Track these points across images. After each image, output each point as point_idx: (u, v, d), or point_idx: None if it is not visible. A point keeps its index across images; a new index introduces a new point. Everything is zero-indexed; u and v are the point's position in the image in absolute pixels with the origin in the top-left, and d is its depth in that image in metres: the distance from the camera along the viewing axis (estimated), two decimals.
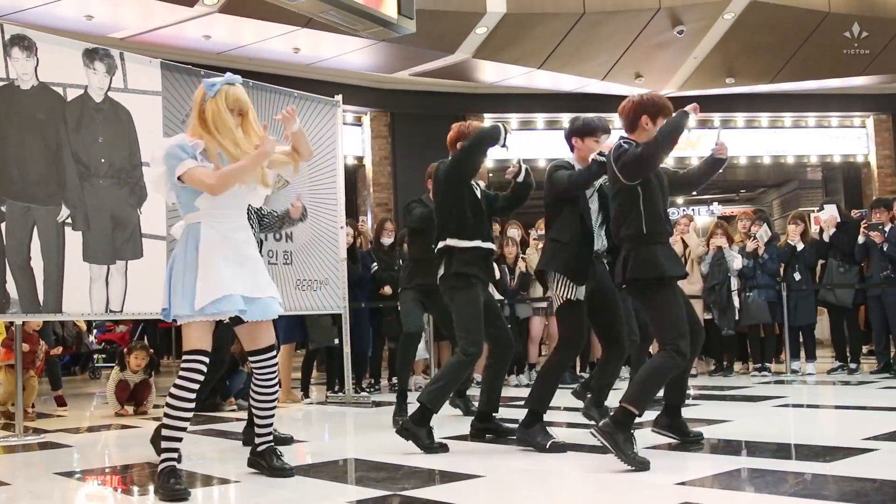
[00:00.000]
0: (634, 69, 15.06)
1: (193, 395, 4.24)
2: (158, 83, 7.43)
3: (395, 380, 9.85)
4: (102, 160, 6.98)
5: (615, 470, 4.54)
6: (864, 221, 9.88)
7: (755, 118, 17.15)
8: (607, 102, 16.34)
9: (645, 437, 5.46)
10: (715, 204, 23.78)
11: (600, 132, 5.79)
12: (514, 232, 10.55)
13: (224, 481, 4.66)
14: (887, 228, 9.67)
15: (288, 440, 5.85)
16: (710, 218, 21.28)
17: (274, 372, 4.56)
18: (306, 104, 8.76)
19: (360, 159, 15.47)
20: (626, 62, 14.74)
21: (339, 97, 9.22)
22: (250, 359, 4.59)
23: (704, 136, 17.14)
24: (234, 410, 8.16)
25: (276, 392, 4.62)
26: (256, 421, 4.68)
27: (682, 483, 4.05)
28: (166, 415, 4.22)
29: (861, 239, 9.72)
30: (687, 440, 5.24)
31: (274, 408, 4.66)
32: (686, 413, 6.72)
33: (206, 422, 7.53)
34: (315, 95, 9.03)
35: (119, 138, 7.12)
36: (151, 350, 8.78)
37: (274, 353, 4.57)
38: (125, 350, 8.67)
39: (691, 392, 8.60)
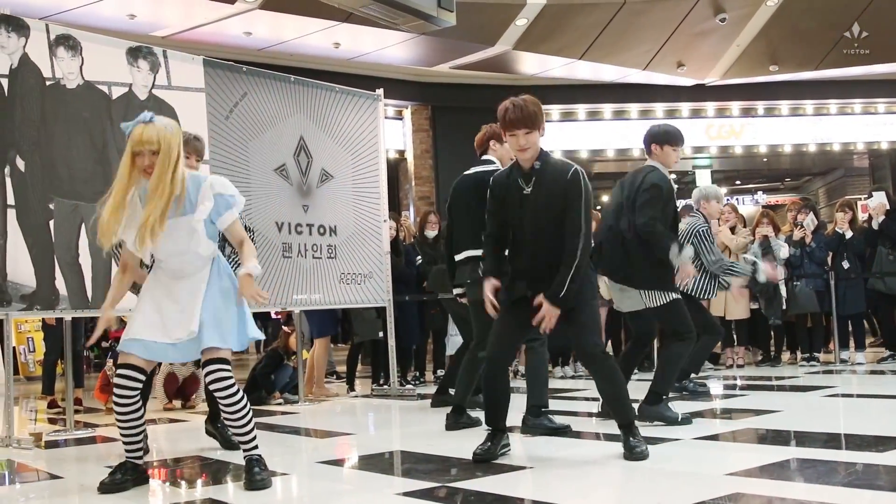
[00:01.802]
0: (676, 58, 14.93)
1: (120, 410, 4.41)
2: (201, 80, 7.49)
3: (440, 372, 9.88)
4: None
5: (664, 461, 4.51)
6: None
7: (800, 105, 16.94)
8: (649, 92, 16.31)
9: (694, 429, 5.44)
10: (759, 193, 23.55)
11: (680, 142, 5.94)
12: None
13: (272, 473, 4.69)
14: None
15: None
16: (754, 207, 21.07)
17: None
18: (347, 98, 8.78)
19: (401, 153, 15.49)
20: (667, 51, 14.61)
21: (380, 91, 9.23)
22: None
23: (747, 125, 17.02)
24: (280, 404, 8.21)
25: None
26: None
27: (733, 473, 4.01)
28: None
29: None
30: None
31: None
32: (733, 403, 6.69)
33: (262, 415, 7.58)
34: (356, 90, 9.05)
35: None
36: None
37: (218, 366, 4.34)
38: None
39: (739, 383, 8.53)
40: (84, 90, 6.76)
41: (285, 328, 8.85)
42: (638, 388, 5.89)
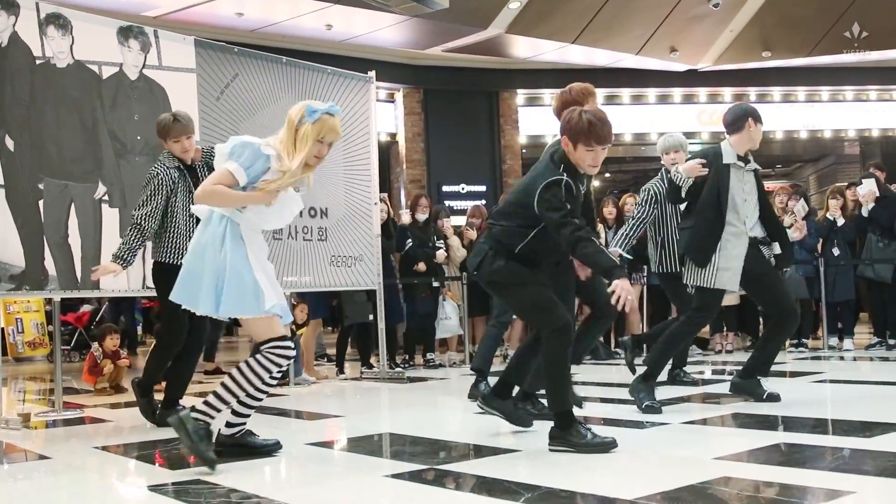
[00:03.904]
0: (669, 43, 14.91)
1: (268, 378, 4.41)
2: (193, 60, 7.45)
3: (430, 356, 9.89)
4: (138, 137, 7.02)
5: (653, 445, 4.53)
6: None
7: (792, 92, 16.96)
8: (642, 77, 16.31)
9: (683, 413, 5.46)
10: None
11: (760, 121, 5.92)
12: None
13: (262, 455, 4.69)
14: None
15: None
16: None
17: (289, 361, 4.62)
18: (339, 81, 8.75)
19: (393, 136, 15.47)
20: (661, 36, 14.60)
21: (371, 73, 9.20)
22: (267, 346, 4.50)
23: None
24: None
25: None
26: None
27: (721, 458, 4.02)
28: (236, 385, 4.37)
29: None
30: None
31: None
32: (722, 388, 6.71)
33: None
34: (348, 72, 9.01)
35: (155, 116, 7.09)
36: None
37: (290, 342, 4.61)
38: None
39: (727, 368, 8.55)
40: (74, 69, 6.72)
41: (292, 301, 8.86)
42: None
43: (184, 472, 4.28)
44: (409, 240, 9.82)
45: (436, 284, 9.89)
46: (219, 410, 4.34)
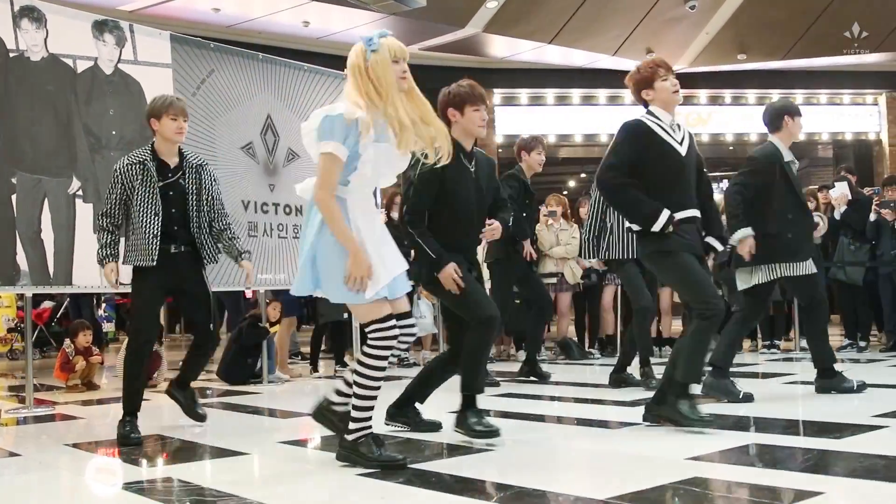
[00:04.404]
0: (645, 44, 14.98)
1: (384, 365, 4.11)
2: (168, 55, 7.42)
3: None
4: (113, 132, 6.98)
5: (625, 445, 4.55)
6: (875, 199, 9.83)
7: (766, 95, 17.06)
8: (618, 78, 16.29)
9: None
10: (725, 181, 23.69)
11: (798, 114, 6.25)
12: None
13: (236, 453, 4.68)
14: None
15: (202, 417, 5.71)
16: (719, 196, 21.21)
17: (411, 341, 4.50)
18: (315, 78, 8.73)
19: None
20: (637, 37, 14.67)
21: (348, 71, 9.16)
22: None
23: (715, 113, 17.12)
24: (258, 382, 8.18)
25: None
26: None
27: (693, 458, 4.04)
28: (359, 385, 4.07)
29: (872, 217, 9.68)
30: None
31: None
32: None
33: (225, 395, 7.57)
34: (324, 69, 9.00)
35: (130, 110, 7.11)
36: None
37: (412, 319, 4.42)
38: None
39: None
40: (49, 63, 6.67)
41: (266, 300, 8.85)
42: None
43: (156, 470, 4.27)
44: None
45: (411, 283, 9.87)
46: (369, 418, 4.12)
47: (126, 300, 14.39)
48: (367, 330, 4.06)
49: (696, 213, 5.00)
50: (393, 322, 4.04)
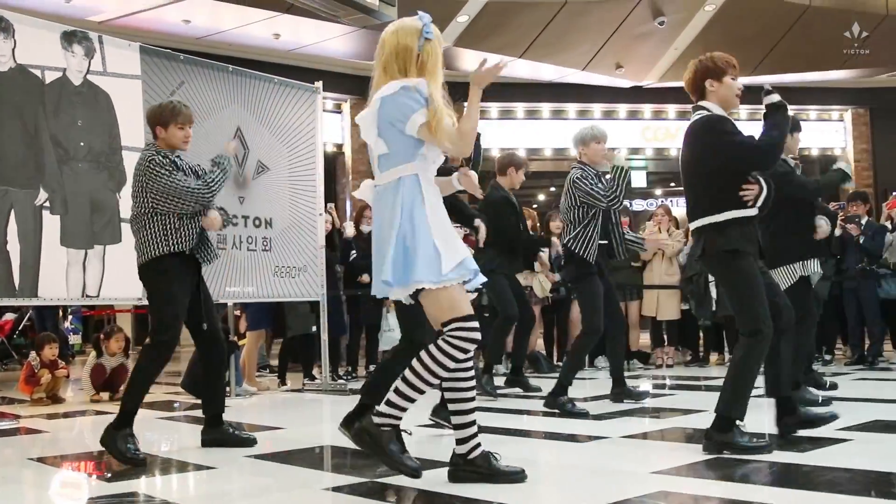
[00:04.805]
0: (615, 59, 15.09)
1: (452, 366, 3.81)
2: (138, 67, 7.38)
3: (372, 367, 9.86)
4: (81, 144, 6.94)
5: (592, 459, 4.56)
6: (841, 214, 9.94)
7: (734, 110, 17.19)
8: (587, 92, 16.45)
9: (623, 427, 5.50)
10: None
11: (798, 129, 6.45)
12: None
13: (202, 468, 4.66)
14: (864, 221, 9.75)
15: (251, 441, 5.41)
16: None
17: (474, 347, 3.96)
18: (286, 90, 8.72)
19: (339, 147, 15.45)
20: (606, 52, 14.77)
21: (319, 84, 9.18)
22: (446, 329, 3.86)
23: (683, 128, 17.24)
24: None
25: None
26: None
27: (658, 472, 4.07)
28: (415, 373, 3.80)
29: (838, 232, 9.78)
30: None
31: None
32: (662, 402, 6.78)
33: (192, 408, 7.53)
34: (295, 82, 8.99)
35: (98, 122, 7.07)
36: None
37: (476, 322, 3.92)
38: (102, 335, 8.65)
39: (668, 382, 8.65)
40: (16, 74, 6.62)
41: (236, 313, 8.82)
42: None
43: (122, 484, 4.24)
44: (354, 251, 9.81)
45: (372, 293, 9.86)
46: (404, 409, 3.87)
47: (94, 312, 14.29)
48: (447, 329, 3.78)
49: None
50: (476, 325, 3.79)
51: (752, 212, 4.71)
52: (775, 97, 4.82)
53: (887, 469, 3.97)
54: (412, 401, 3.84)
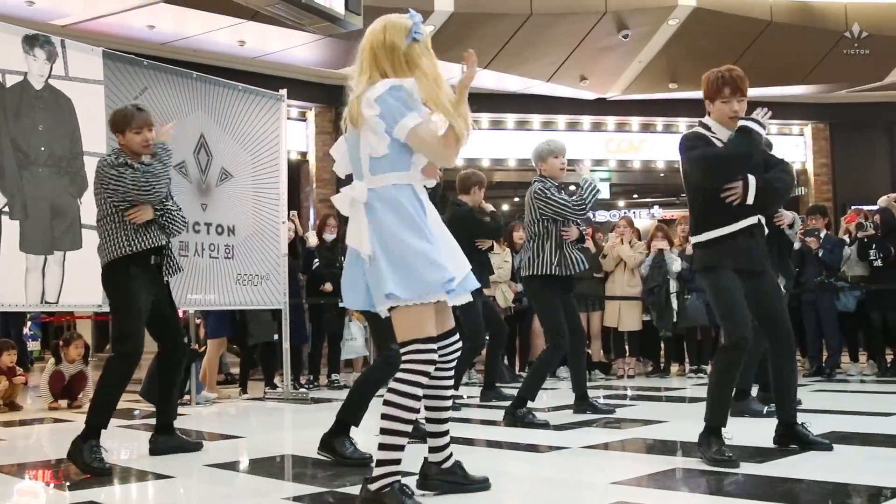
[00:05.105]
0: (580, 71, 15.17)
1: (420, 393, 3.59)
2: (100, 72, 7.33)
3: (335, 376, 9.85)
4: (42, 148, 6.87)
5: (552, 469, 4.58)
6: (800, 227, 10.04)
7: (697, 123, 17.34)
8: (552, 104, 16.52)
9: (583, 437, 5.53)
10: (656, 207, 24.05)
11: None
12: None
13: (161, 476, 4.62)
14: (822, 235, 9.88)
15: (196, 446, 5.42)
16: (650, 221, 21.51)
17: (454, 362, 3.90)
18: (250, 98, 8.70)
19: (303, 154, 15.40)
20: (571, 64, 14.84)
21: (283, 91, 9.16)
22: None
23: (647, 140, 17.39)
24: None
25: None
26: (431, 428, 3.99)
27: (617, 482, 4.09)
28: (387, 416, 3.53)
29: (797, 245, 9.88)
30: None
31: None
32: (623, 413, 6.81)
33: (151, 416, 7.47)
34: (259, 89, 8.97)
35: (60, 127, 7.00)
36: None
37: (457, 336, 3.88)
38: (61, 342, 8.57)
39: (629, 393, 8.70)
40: None
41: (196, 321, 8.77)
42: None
43: (79, 493, 4.20)
44: (317, 260, 9.79)
45: (342, 305, 9.85)
46: (397, 461, 3.55)
47: (53, 318, 14.13)
48: (403, 350, 3.58)
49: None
50: (435, 346, 3.58)
51: (734, 227, 4.74)
52: (742, 121, 4.85)
53: (843, 480, 4.02)
54: (401, 448, 3.54)
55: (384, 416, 3.51)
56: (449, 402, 3.96)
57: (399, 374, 3.54)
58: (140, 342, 5.16)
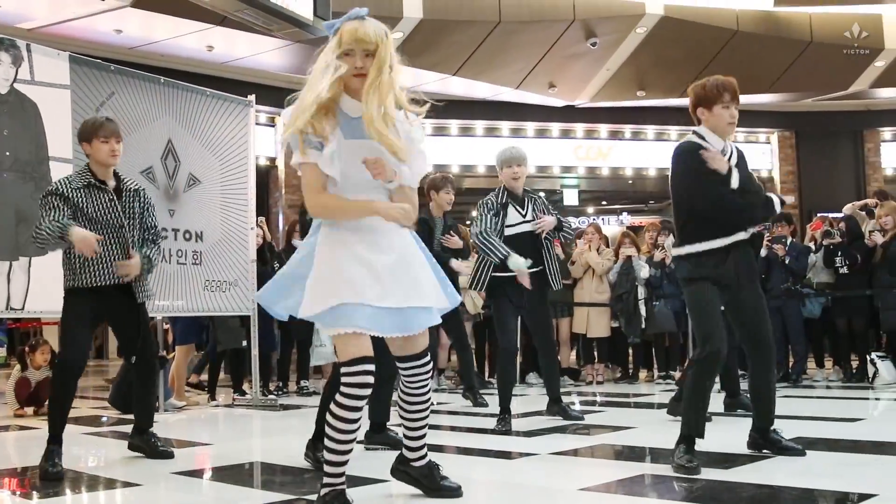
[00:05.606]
0: (548, 79, 15.24)
1: (355, 416, 3.51)
2: (67, 76, 7.27)
3: (304, 383, 9.81)
4: (7, 153, 6.81)
5: (521, 476, 4.59)
6: (766, 235, 10.13)
7: (665, 131, 17.48)
8: (521, 111, 16.59)
9: (552, 444, 5.54)
10: (624, 214, 24.17)
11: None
12: None
13: (128, 484, 4.58)
14: (788, 242, 9.97)
15: (168, 454, 5.39)
16: (619, 228, 21.62)
17: (425, 382, 3.89)
18: (218, 103, 8.66)
19: (272, 160, 15.35)
20: (540, 71, 14.91)
21: (252, 97, 9.13)
22: (399, 365, 3.84)
23: (615, 147, 17.48)
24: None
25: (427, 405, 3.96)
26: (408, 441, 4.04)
27: (586, 489, 4.10)
28: (328, 437, 3.53)
29: (764, 252, 9.96)
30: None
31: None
32: (592, 419, 6.83)
33: (118, 424, 7.41)
34: (228, 95, 8.93)
35: (25, 131, 6.94)
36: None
37: (427, 358, 3.84)
38: (27, 348, 8.48)
39: (598, 399, 8.73)
40: None
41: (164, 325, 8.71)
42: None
43: (46, 502, 4.15)
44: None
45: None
46: (341, 475, 3.57)
47: (19, 324, 14.00)
48: (340, 372, 3.54)
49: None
50: (364, 367, 3.47)
51: (719, 243, 4.75)
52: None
53: (810, 485, 4.05)
54: (340, 464, 3.55)
55: (324, 433, 3.54)
56: (424, 422, 3.96)
57: (336, 397, 3.51)
58: (76, 354, 5.11)
